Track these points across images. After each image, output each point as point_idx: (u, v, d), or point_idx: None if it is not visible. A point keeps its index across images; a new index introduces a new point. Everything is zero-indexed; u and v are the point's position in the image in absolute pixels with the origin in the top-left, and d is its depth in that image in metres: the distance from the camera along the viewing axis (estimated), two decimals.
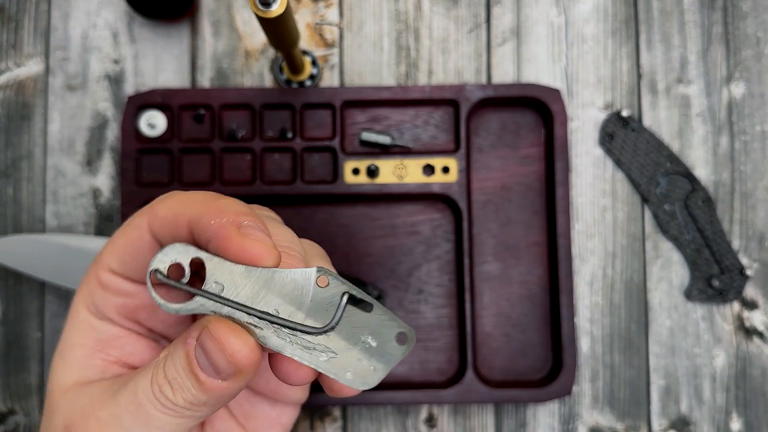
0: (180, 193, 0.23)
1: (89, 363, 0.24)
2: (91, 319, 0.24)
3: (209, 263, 0.21)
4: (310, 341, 0.21)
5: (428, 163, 0.39)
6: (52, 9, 0.41)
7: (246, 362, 0.21)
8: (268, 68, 0.41)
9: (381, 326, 0.21)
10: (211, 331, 0.20)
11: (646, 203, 0.41)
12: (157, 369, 0.22)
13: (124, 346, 0.25)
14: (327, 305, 0.21)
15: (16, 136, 0.41)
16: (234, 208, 0.22)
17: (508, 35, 0.42)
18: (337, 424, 0.40)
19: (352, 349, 0.21)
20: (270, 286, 0.21)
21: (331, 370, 0.21)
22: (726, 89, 0.42)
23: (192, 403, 0.21)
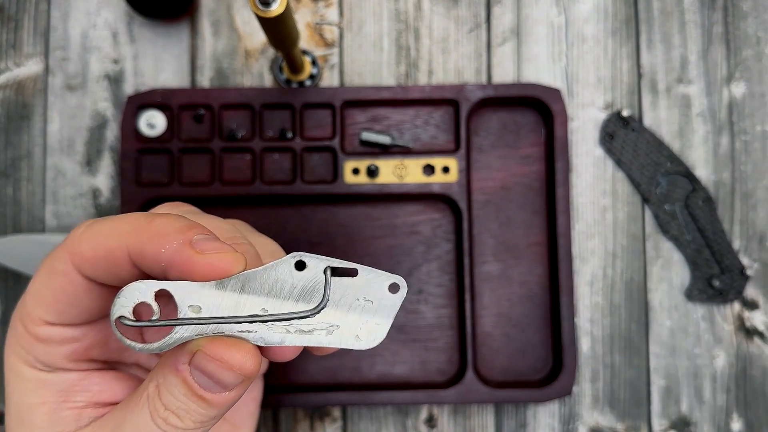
0: (97, 224, 0.22)
1: (58, 418, 0.23)
2: (40, 375, 0.23)
3: (176, 291, 0.20)
4: (309, 324, 0.21)
5: (428, 163, 0.39)
6: (52, 9, 0.41)
7: (253, 369, 0.20)
8: (268, 68, 0.41)
9: (371, 284, 0.21)
10: (209, 353, 0.20)
11: (646, 203, 0.41)
12: (154, 404, 0.21)
13: (89, 387, 0.23)
14: (314, 285, 0.21)
15: (15, 136, 0.41)
16: (173, 226, 0.20)
17: (509, 35, 0.42)
18: (337, 424, 0.40)
19: (352, 315, 0.21)
20: (248, 289, 0.20)
21: (338, 342, 0.21)
22: (726, 89, 0.42)
23: (203, 421, 0.21)
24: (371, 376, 0.39)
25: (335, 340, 0.21)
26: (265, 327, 0.21)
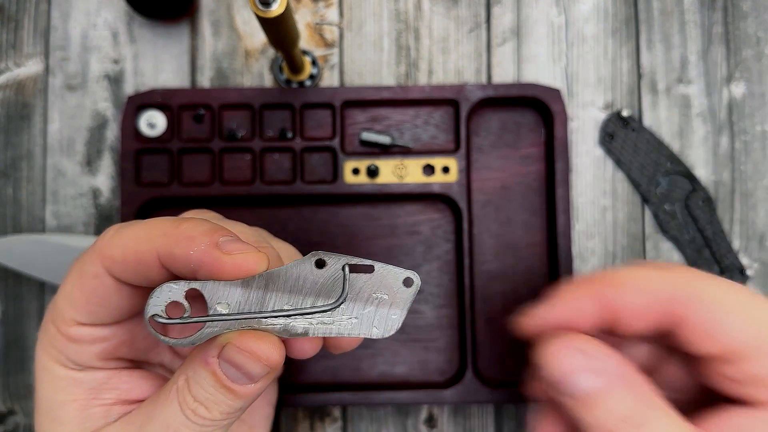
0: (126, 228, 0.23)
1: (88, 414, 0.24)
2: (71, 374, 0.24)
3: (205, 290, 0.22)
4: (330, 317, 0.23)
5: (428, 163, 0.39)
6: (52, 9, 0.41)
7: (279, 360, 0.22)
8: (268, 68, 0.41)
9: (386, 279, 0.23)
10: (239, 345, 0.21)
11: (646, 203, 0.41)
12: (183, 396, 0.22)
13: (118, 385, 0.25)
14: (333, 281, 0.23)
15: (15, 135, 0.41)
16: (199, 230, 0.22)
17: (509, 35, 0.42)
18: (337, 425, 0.40)
19: (369, 308, 0.23)
20: (272, 286, 0.22)
21: (357, 332, 0.23)
22: (726, 89, 0.42)
23: (229, 413, 0.22)
24: (371, 376, 0.39)
25: (354, 330, 0.23)
26: (289, 321, 0.22)
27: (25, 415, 0.39)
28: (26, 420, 0.39)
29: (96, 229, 0.40)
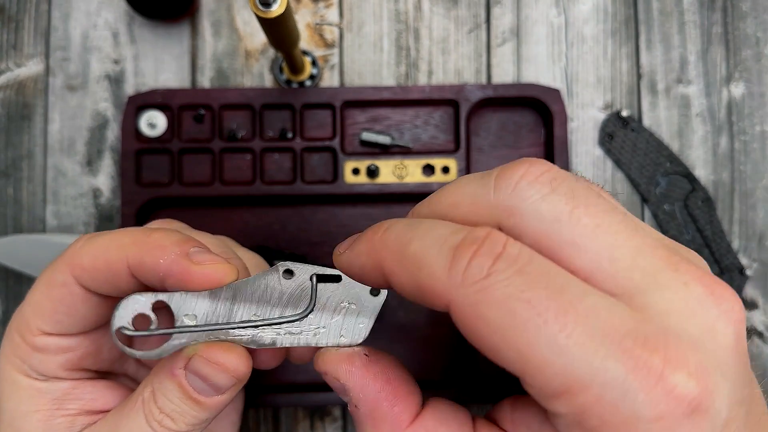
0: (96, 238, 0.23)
1: (52, 425, 0.24)
2: (34, 384, 0.24)
3: (172, 301, 0.22)
4: (298, 327, 0.22)
5: (428, 163, 0.39)
6: (53, 9, 0.41)
7: (246, 372, 0.22)
8: (268, 68, 0.41)
9: (354, 289, 0.23)
10: (206, 356, 0.21)
11: (645, 203, 0.41)
12: (149, 407, 0.22)
13: (81, 395, 0.24)
14: (301, 291, 0.22)
15: (16, 136, 0.41)
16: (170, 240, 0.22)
17: (508, 35, 0.42)
18: (337, 424, 0.40)
19: (337, 317, 0.23)
20: (240, 297, 0.22)
21: (325, 342, 0.23)
22: (726, 89, 0.42)
23: (195, 424, 0.22)
24: None
25: (322, 339, 0.23)
26: (257, 332, 0.22)
27: None
28: None
29: (96, 230, 0.40)
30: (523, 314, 0.16)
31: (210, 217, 0.40)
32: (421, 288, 0.18)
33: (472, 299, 0.17)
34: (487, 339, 0.17)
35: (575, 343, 0.16)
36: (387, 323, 0.40)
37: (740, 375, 0.17)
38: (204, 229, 0.39)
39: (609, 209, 0.18)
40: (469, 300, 0.17)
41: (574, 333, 0.16)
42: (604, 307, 0.16)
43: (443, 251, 0.17)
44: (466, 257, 0.17)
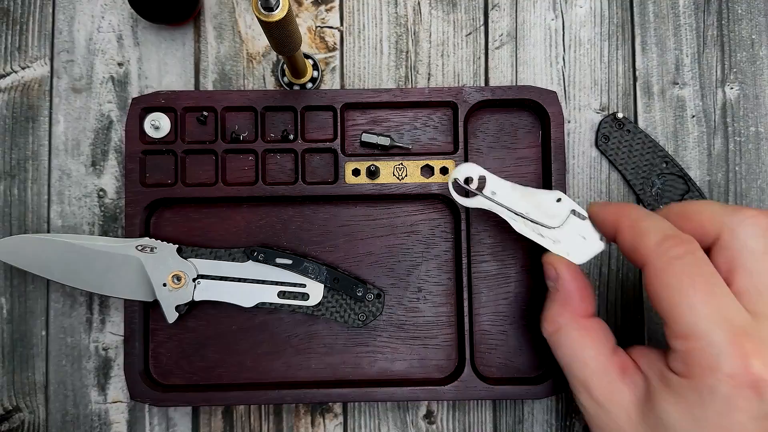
0: None
1: None
2: None
3: (489, 178, 0.36)
4: (544, 233, 0.35)
5: (427, 164, 0.40)
6: (57, 12, 0.42)
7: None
8: (270, 71, 0.42)
9: (590, 229, 0.35)
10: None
11: (641, 204, 0.42)
12: None
13: None
14: (559, 213, 0.35)
15: (21, 137, 0.41)
16: None
17: (506, 39, 0.42)
18: (338, 420, 0.41)
19: (570, 241, 0.35)
20: (525, 198, 0.36)
21: (556, 250, 0.35)
22: (720, 91, 0.42)
23: None
24: (371, 372, 0.40)
25: (555, 248, 0.35)
26: (523, 222, 0.35)
27: (30, 413, 0.40)
28: (31, 417, 0.40)
29: (101, 230, 0.41)
30: (688, 285, 0.27)
31: (213, 217, 0.40)
32: (635, 247, 0.30)
33: (662, 264, 0.28)
34: (658, 291, 0.28)
35: (706, 314, 0.26)
36: (387, 322, 0.40)
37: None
38: (207, 228, 0.40)
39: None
40: (660, 264, 0.28)
41: (709, 307, 0.26)
42: (734, 308, 0.27)
43: (659, 233, 0.29)
44: (672, 242, 0.28)
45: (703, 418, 0.26)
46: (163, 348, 0.40)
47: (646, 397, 0.29)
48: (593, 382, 0.30)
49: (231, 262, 0.38)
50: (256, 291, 0.38)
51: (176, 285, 0.38)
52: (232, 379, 0.40)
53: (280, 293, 0.38)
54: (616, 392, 0.30)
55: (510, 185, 0.36)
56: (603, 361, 0.31)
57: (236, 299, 0.38)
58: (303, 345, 0.40)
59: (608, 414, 0.29)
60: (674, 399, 0.27)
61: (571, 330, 0.32)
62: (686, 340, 0.27)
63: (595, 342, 0.31)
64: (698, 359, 0.26)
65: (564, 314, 0.32)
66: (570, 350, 0.31)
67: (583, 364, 0.31)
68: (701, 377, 0.26)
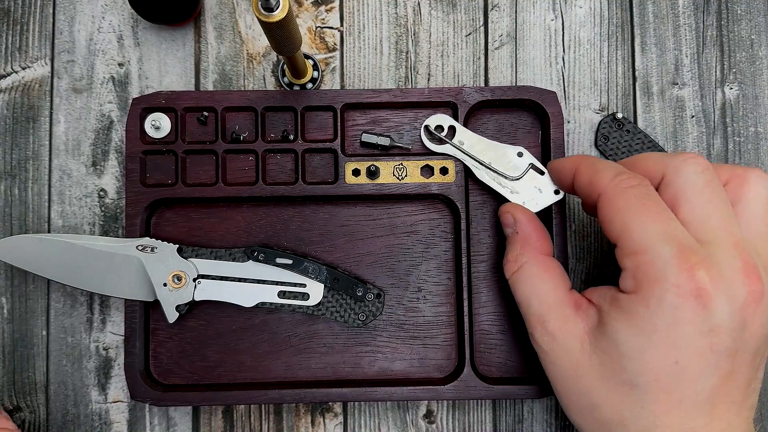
0: None
1: None
2: None
3: (458, 128, 0.39)
4: (504, 183, 0.39)
5: (427, 164, 0.40)
6: (57, 12, 0.42)
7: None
8: (271, 71, 0.42)
9: (546, 182, 0.38)
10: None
11: None
12: None
13: None
14: (519, 166, 0.39)
15: (22, 137, 0.41)
16: None
17: (505, 39, 0.43)
18: (338, 420, 0.41)
19: (527, 192, 0.38)
20: (489, 150, 0.39)
21: (513, 199, 0.38)
22: (720, 91, 0.42)
23: None
24: (371, 372, 0.40)
25: (512, 198, 0.38)
26: (485, 172, 0.39)
27: (31, 412, 0.40)
28: (32, 417, 0.40)
29: (101, 230, 0.41)
30: (638, 208, 0.28)
31: (213, 217, 0.40)
32: (591, 183, 0.32)
33: (615, 193, 0.30)
34: (610, 215, 0.29)
35: (654, 231, 0.28)
36: (387, 322, 0.40)
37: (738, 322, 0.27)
38: (207, 228, 0.40)
39: (722, 199, 0.29)
40: (613, 193, 0.30)
41: (657, 226, 0.28)
42: (681, 231, 0.28)
43: (614, 170, 0.31)
44: (625, 176, 0.30)
45: (651, 330, 0.27)
46: (163, 348, 0.40)
47: (598, 323, 0.30)
48: (549, 315, 0.31)
49: (231, 262, 0.38)
50: (257, 291, 0.38)
51: (177, 285, 0.38)
52: (232, 378, 0.40)
53: (281, 293, 0.39)
54: (571, 323, 0.31)
55: (477, 137, 0.39)
56: (560, 296, 0.32)
57: (236, 299, 0.38)
58: (303, 345, 0.40)
59: (562, 346, 0.31)
60: (624, 317, 0.28)
61: (531, 266, 0.33)
62: (635, 255, 0.28)
63: (554, 278, 0.33)
64: (646, 272, 0.28)
65: (525, 252, 0.34)
66: (530, 285, 0.33)
67: (541, 298, 0.32)
68: (649, 289, 0.27)
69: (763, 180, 0.31)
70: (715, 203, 0.29)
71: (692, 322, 0.27)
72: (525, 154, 0.39)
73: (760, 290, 0.27)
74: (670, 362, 0.27)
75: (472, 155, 0.39)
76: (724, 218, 0.29)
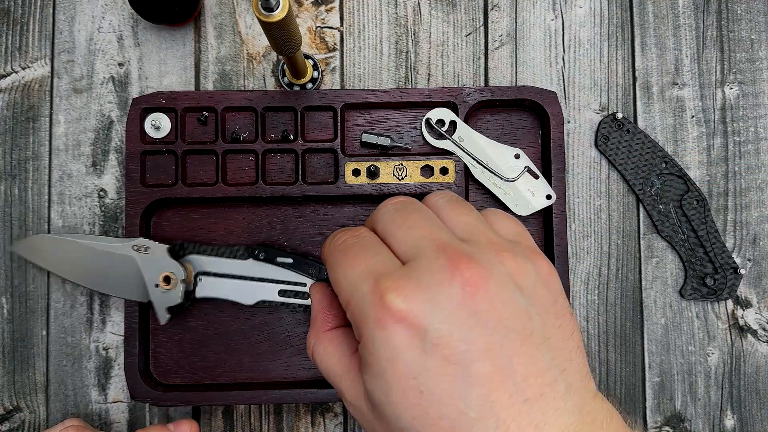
0: None
1: None
2: None
3: (459, 125, 0.39)
4: (499, 184, 0.39)
5: (427, 164, 0.40)
6: (57, 13, 0.42)
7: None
8: (271, 71, 0.42)
9: (539, 187, 0.39)
10: None
11: (640, 203, 0.42)
12: None
13: None
14: (515, 168, 0.39)
15: (22, 137, 0.41)
16: None
17: (505, 39, 0.43)
18: (338, 420, 0.41)
19: (519, 194, 0.39)
20: (488, 149, 0.39)
21: (504, 200, 0.39)
22: (720, 91, 0.42)
23: None
24: None
25: (505, 199, 0.39)
26: (481, 171, 0.39)
27: (31, 412, 0.40)
28: (31, 417, 0.40)
29: (101, 229, 0.41)
30: (340, 260, 0.28)
31: (213, 217, 0.40)
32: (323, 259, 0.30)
33: (326, 256, 0.29)
34: (330, 276, 0.29)
35: (354, 275, 0.27)
36: None
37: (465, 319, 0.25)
38: (207, 228, 0.40)
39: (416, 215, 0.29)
40: (326, 256, 0.29)
41: (357, 269, 0.27)
42: (384, 261, 0.27)
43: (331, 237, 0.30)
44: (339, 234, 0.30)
45: (382, 372, 0.26)
46: (163, 348, 0.40)
47: None
48: (342, 386, 0.30)
49: (232, 260, 0.38)
50: (257, 289, 0.38)
51: (166, 286, 0.38)
52: (232, 378, 0.40)
53: (281, 292, 0.39)
54: (358, 387, 0.30)
55: (477, 135, 0.39)
56: (346, 363, 0.31)
57: (237, 297, 0.38)
58: (303, 345, 0.40)
59: (357, 410, 0.30)
60: (364, 368, 0.27)
61: (318, 345, 0.32)
62: (347, 306, 0.27)
63: (338, 348, 0.32)
64: (355, 317, 0.27)
65: (312, 334, 0.33)
66: (323, 364, 0.32)
67: (333, 372, 0.31)
68: (363, 333, 0.26)
69: None
70: (410, 222, 0.28)
71: (411, 347, 0.25)
72: (522, 156, 0.39)
73: (478, 272, 0.25)
74: (415, 393, 0.25)
75: (470, 153, 0.39)
76: (425, 229, 0.28)
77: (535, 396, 0.24)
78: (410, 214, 0.29)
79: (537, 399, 0.24)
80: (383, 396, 0.26)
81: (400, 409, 0.25)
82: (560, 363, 0.26)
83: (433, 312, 0.25)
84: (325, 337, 0.33)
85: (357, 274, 0.27)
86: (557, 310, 0.27)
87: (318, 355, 0.32)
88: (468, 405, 0.24)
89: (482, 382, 0.24)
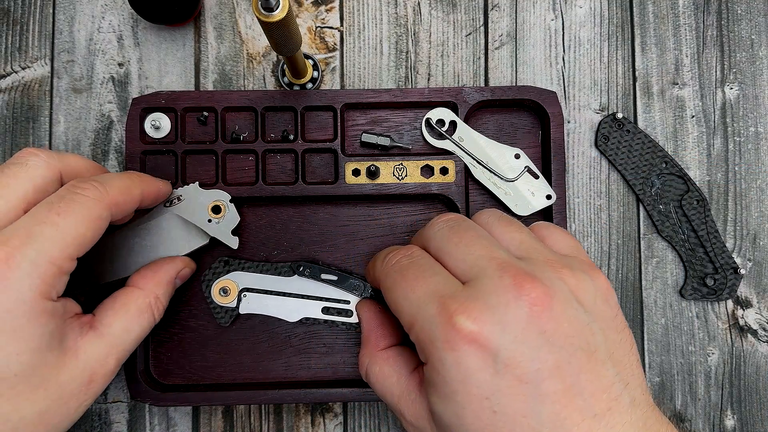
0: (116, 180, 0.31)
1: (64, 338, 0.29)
2: (51, 305, 0.27)
3: (459, 125, 0.39)
4: (499, 184, 0.39)
5: (427, 164, 0.40)
6: (57, 12, 0.42)
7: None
8: (271, 71, 0.42)
9: (539, 187, 0.39)
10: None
11: (641, 203, 0.42)
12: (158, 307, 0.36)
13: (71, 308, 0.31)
14: (515, 168, 0.39)
15: (22, 137, 0.41)
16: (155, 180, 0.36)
17: (506, 39, 0.43)
18: (338, 420, 0.41)
19: (520, 194, 0.39)
20: (488, 149, 0.39)
21: (505, 200, 0.39)
22: (720, 91, 0.42)
23: None
24: None
25: (505, 199, 0.39)
26: (481, 171, 0.39)
27: None
28: None
29: None
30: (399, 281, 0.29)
31: None
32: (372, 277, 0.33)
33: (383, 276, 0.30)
34: (388, 300, 0.29)
35: (416, 297, 0.27)
36: None
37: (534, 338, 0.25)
38: None
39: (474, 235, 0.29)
40: (382, 276, 0.30)
41: (419, 290, 0.27)
42: (444, 281, 0.27)
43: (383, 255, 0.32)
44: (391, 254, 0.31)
45: (453, 393, 0.25)
46: (163, 348, 0.40)
47: None
48: (402, 406, 0.30)
49: (276, 276, 0.39)
50: (301, 306, 0.39)
51: (217, 216, 0.38)
52: (232, 378, 0.40)
53: (324, 309, 0.39)
54: (419, 408, 0.29)
55: (477, 135, 0.39)
56: (404, 383, 0.30)
57: (281, 314, 0.39)
58: (303, 345, 0.40)
59: (419, 431, 0.29)
60: (431, 389, 0.27)
61: (373, 365, 0.32)
62: (412, 328, 0.27)
63: (395, 368, 0.31)
64: (422, 340, 0.26)
65: (365, 354, 0.33)
66: (379, 384, 0.32)
67: (390, 393, 0.31)
68: (431, 355, 0.26)
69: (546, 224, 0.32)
70: (466, 240, 0.28)
71: (482, 368, 0.25)
72: (522, 156, 0.39)
73: (543, 291, 0.25)
74: (489, 414, 0.25)
75: (470, 153, 0.39)
76: (482, 248, 0.28)
77: (602, 411, 0.24)
78: (465, 232, 0.29)
79: (605, 414, 0.24)
80: (454, 417, 0.25)
81: (471, 429, 0.25)
82: (624, 377, 0.25)
83: (503, 333, 0.24)
84: (380, 357, 0.32)
85: (419, 296, 0.27)
86: (617, 325, 0.27)
87: (373, 375, 0.32)
88: (540, 423, 0.24)
89: (553, 399, 0.24)
